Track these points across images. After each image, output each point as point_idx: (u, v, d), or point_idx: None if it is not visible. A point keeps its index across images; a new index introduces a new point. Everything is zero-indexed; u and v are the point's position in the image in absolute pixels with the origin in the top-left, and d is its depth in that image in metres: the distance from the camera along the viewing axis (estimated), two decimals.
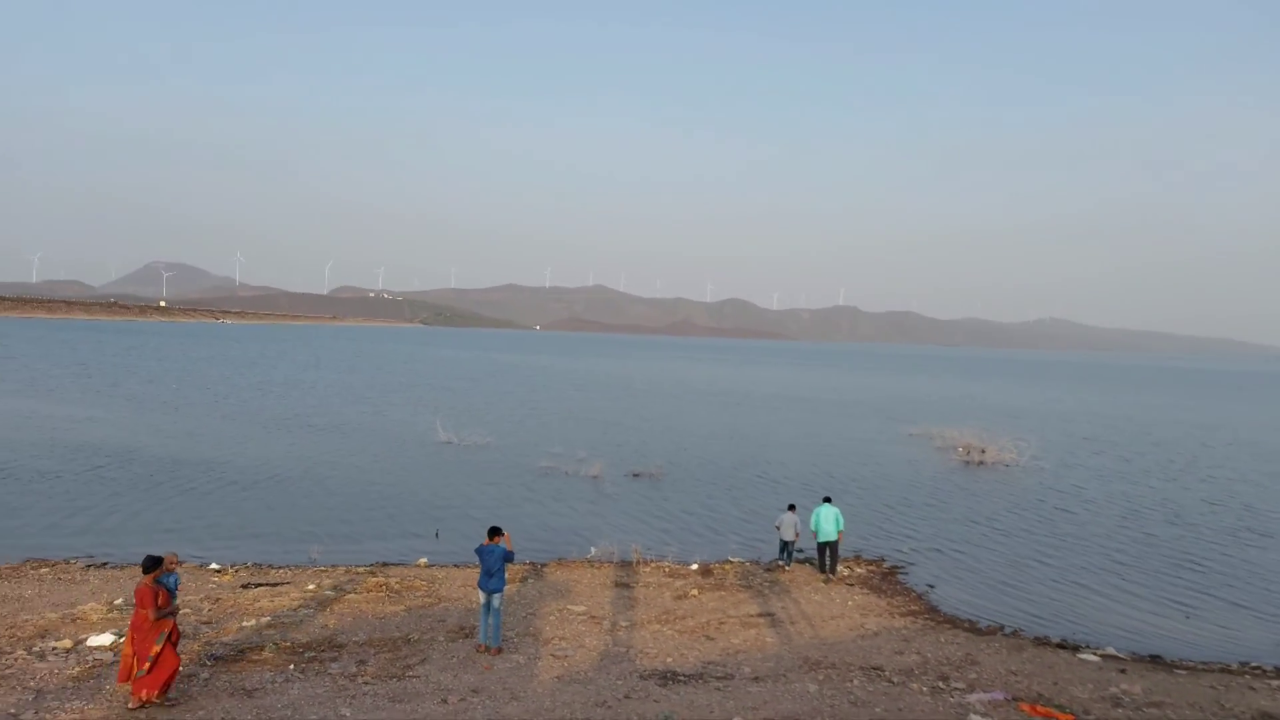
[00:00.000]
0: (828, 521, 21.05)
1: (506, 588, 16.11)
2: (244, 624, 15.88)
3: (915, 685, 13.83)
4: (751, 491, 32.71)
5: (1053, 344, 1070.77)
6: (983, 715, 12.53)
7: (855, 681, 13.90)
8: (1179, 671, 15.41)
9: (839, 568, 21.65)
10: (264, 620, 16.08)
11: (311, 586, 18.71)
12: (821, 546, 21.24)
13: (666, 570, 21.37)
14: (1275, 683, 15.01)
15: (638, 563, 21.81)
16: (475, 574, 18.22)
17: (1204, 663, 16.12)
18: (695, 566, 21.75)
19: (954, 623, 17.99)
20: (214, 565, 20.54)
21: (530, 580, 19.91)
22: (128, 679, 11.63)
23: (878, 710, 12.65)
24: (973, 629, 17.63)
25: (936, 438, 49.34)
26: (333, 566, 20.87)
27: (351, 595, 18.15)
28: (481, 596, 14.92)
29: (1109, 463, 43.78)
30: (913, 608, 18.90)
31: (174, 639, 11.72)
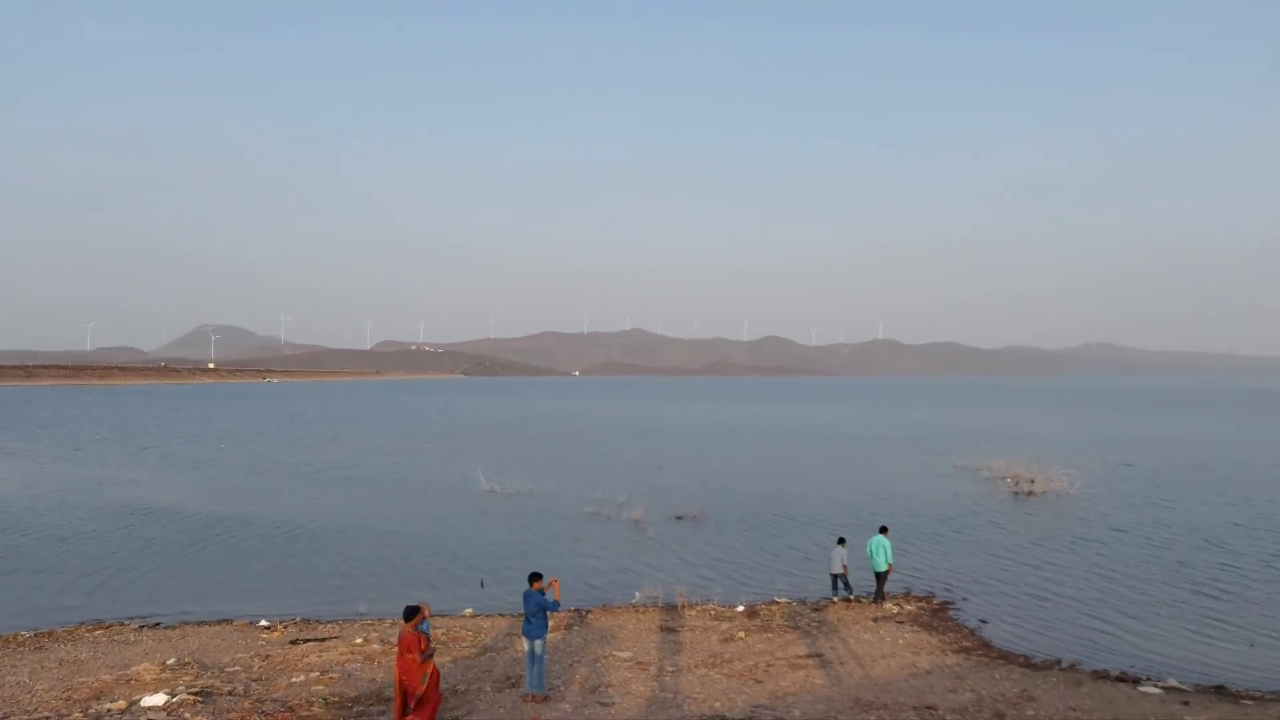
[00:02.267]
0: (877, 553, 21.71)
1: (551, 635, 16.06)
2: (293, 680, 16.01)
3: None
4: (794, 530, 32.37)
5: (1102, 369, 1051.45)
6: None
7: None
8: (1245, 702, 14.86)
9: (886, 604, 21.57)
10: (313, 675, 16.21)
11: (359, 640, 18.83)
12: (877, 576, 21.99)
13: (712, 613, 21.19)
14: None
15: (683, 606, 21.65)
16: (521, 623, 18.22)
17: (1272, 692, 15.53)
18: (741, 608, 21.54)
19: (1008, 658, 17.56)
20: (263, 622, 20.77)
21: (575, 627, 19.84)
22: (401, 718, 12.69)
23: None
24: (1027, 664, 17.19)
25: (984, 469, 48.52)
26: (379, 620, 20.99)
27: None
28: (525, 644, 14.93)
29: (1160, 490, 42.65)
30: (965, 644, 18.49)
31: (435, 678, 12.99)
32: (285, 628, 20.32)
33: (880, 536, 22.07)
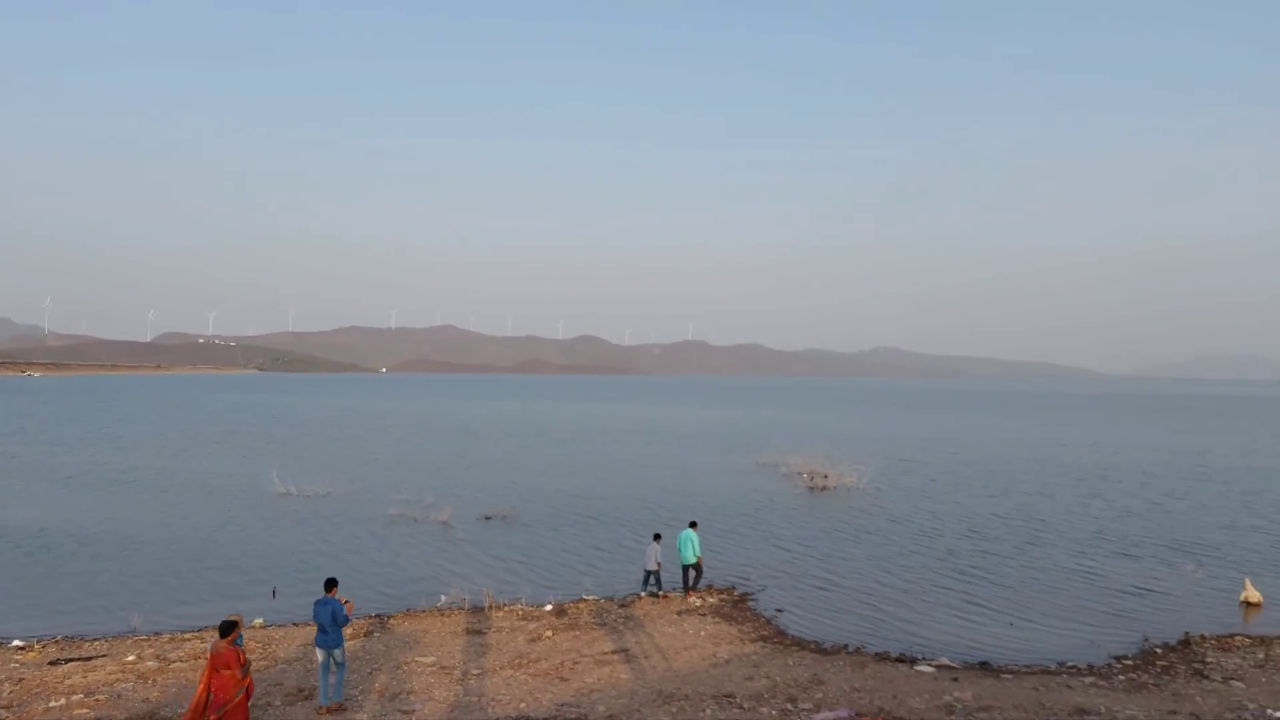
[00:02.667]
0: (685, 546, 22.51)
1: (349, 643, 15.41)
2: (52, 704, 14.46)
3: (765, 709, 14.12)
4: (602, 527, 32.72)
5: (888, 371, 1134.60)
6: None
7: (708, 711, 14.05)
8: (1005, 676, 16.42)
9: (690, 597, 22.23)
10: (76, 699, 14.70)
11: (131, 658, 17.27)
12: (684, 569, 22.70)
13: (520, 613, 21.03)
14: (1088, 679, 16.25)
15: (490, 608, 21.37)
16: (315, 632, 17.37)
17: (1027, 666, 17.26)
18: (549, 607, 21.51)
19: (801, 645, 18.52)
20: (16, 642, 18.63)
21: (376, 634, 19.10)
22: None
23: None
24: (819, 650, 18.20)
25: (782, 465, 50.97)
26: (156, 635, 19.36)
27: (177, 664, 16.87)
28: (320, 654, 14.24)
29: (934, 484, 46.49)
30: (763, 633, 19.33)
31: (250, 692, 12.62)
32: (44, 647, 18.33)
33: (689, 531, 22.89)
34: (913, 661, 17.33)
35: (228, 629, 12.58)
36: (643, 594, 22.59)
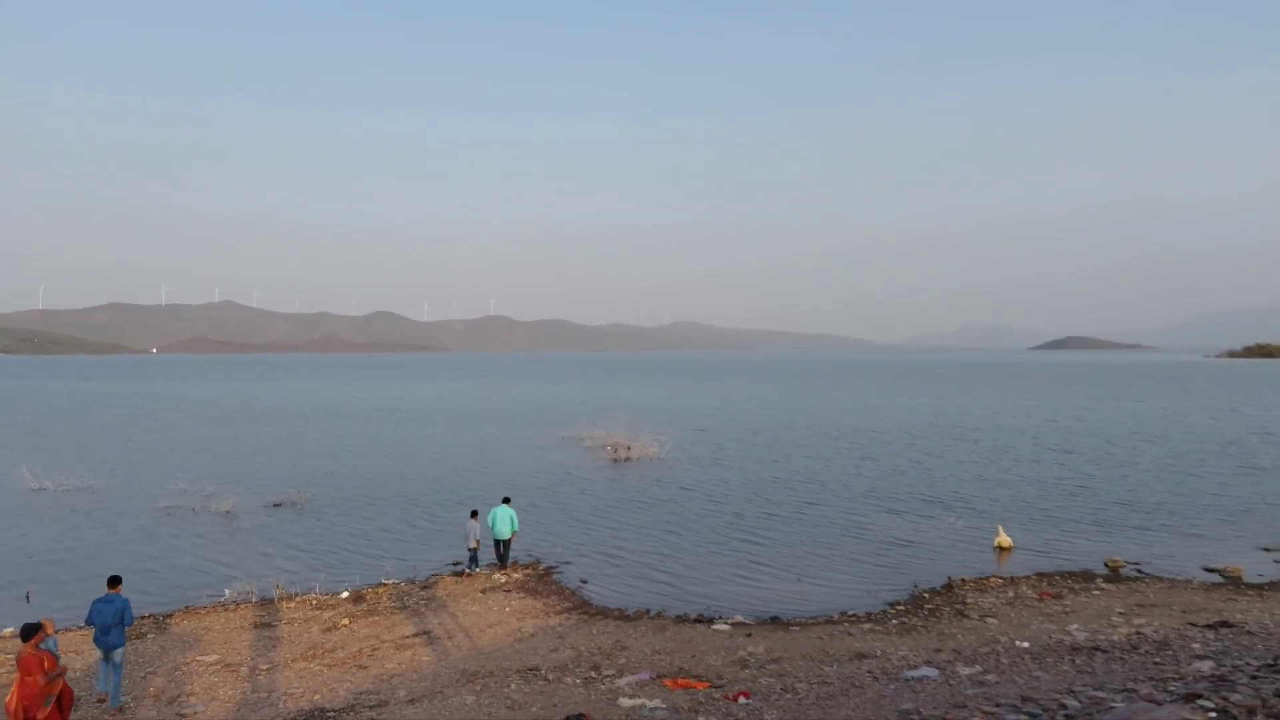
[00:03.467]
0: (501, 521, 22.72)
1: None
2: None
3: (570, 679, 14.27)
4: (401, 509, 31.79)
5: (686, 344, 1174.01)
6: (631, 697, 13.23)
7: (513, 685, 14.02)
8: (794, 629, 17.48)
9: (496, 574, 22.14)
10: None
11: None
12: (497, 544, 22.93)
13: (314, 603, 20.08)
14: (866, 626, 17.60)
15: (280, 599, 20.26)
16: (77, 638, 15.94)
17: (812, 618, 18.45)
18: (346, 594, 20.69)
19: (605, 614, 18.85)
20: None
21: (151, 635, 17.61)
22: None
23: (534, 710, 12.84)
24: (622, 617, 18.60)
25: (586, 439, 51.54)
26: None
27: None
28: (102, 655, 13.23)
29: (724, 451, 48.67)
30: (567, 605, 19.51)
31: (65, 702, 11.61)
32: None
33: (504, 506, 23.01)
34: (710, 621, 18.08)
35: (30, 632, 11.57)
36: (474, 570, 22.30)
